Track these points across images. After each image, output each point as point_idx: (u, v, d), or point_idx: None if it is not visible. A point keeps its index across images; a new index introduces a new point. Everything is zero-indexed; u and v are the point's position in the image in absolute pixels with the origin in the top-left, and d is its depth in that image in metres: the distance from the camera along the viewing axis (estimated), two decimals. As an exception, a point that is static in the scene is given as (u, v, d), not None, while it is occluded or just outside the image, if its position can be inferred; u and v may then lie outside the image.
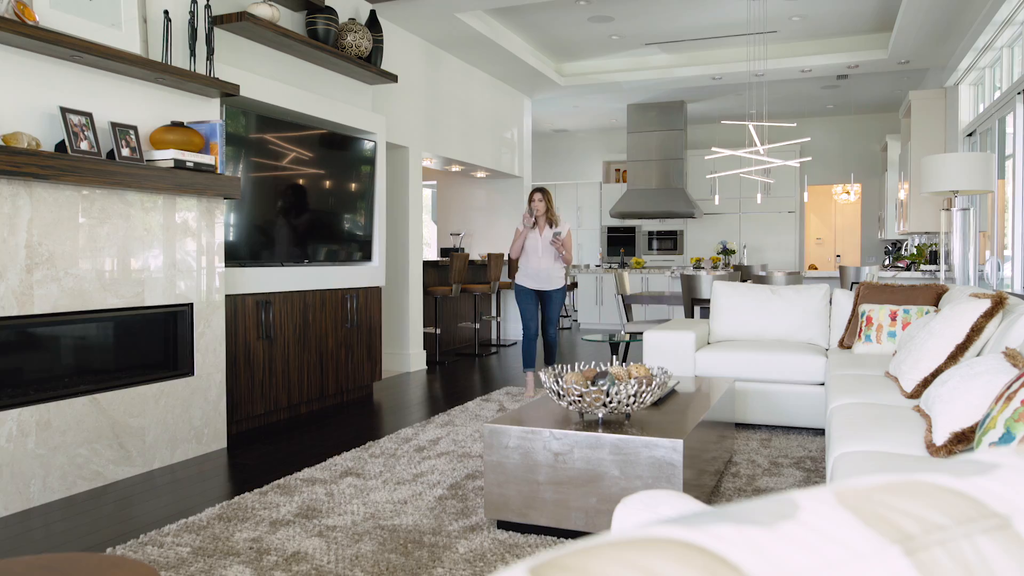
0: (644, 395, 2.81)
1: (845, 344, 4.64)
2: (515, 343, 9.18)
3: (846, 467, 2.08)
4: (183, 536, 2.84)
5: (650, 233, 13.09)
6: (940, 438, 2.15)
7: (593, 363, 3.14)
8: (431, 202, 12.09)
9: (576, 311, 11.60)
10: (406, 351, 6.98)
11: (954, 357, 2.90)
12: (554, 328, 5.76)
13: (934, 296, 4.41)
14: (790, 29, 7.98)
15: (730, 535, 0.38)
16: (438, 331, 7.62)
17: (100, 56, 3.43)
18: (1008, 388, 1.87)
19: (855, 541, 0.40)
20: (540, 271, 5.56)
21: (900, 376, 3.09)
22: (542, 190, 5.56)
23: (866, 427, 2.44)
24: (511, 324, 9.66)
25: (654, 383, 2.82)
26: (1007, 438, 1.78)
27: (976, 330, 2.90)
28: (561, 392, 2.83)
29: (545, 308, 5.69)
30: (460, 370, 7.14)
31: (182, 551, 2.69)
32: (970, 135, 7.27)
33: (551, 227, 5.54)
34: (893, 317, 4.33)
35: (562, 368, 3.01)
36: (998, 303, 2.89)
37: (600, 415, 2.88)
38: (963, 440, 2.10)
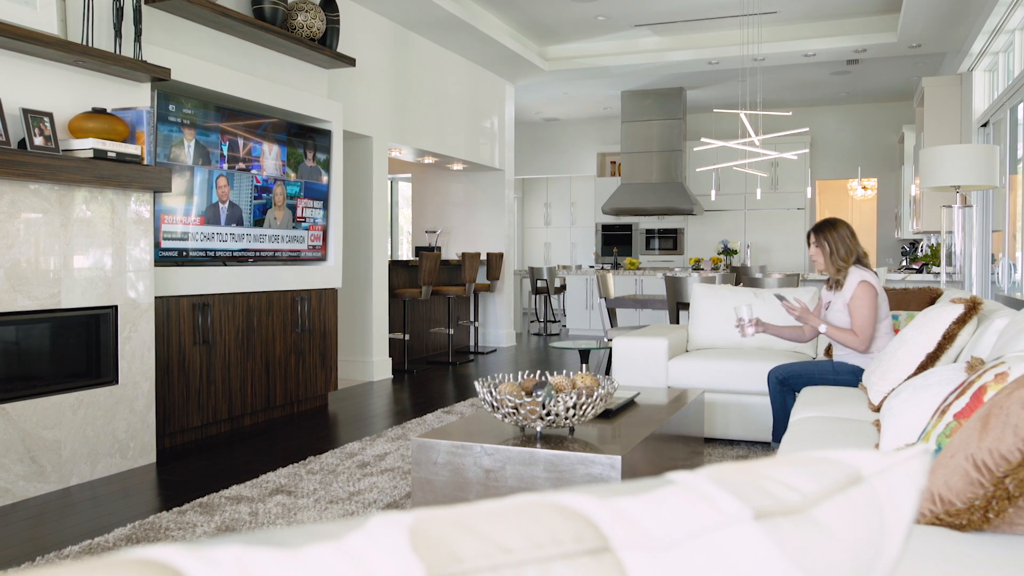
0: (585, 407, 2.81)
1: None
2: (494, 350, 9.18)
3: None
4: (82, 559, 2.83)
5: (648, 231, 13.07)
6: (885, 455, 2.15)
7: (538, 373, 3.14)
8: (411, 196, 12.09)
9: (565, 316, 11.60)
10: (369, 358, 6.98)
11: (924, 367, 2.90)
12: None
13: (928, 300, 4.42)
14: (790, 10, 7.99)
15: (227, 557, 0.38)
16: (406, 337, 7.62)
17: (7, 36, 3.44)
18: (944, 401, 1.87)
19: (382, 567, 0.40)
20: None
21: (870, 387, 3.09)
22: (825, 225, 3.93)
23: (814, 444, 2.44)
24: (491, 330, 9.66)
25: (595, 394, 2.82)
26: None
27: (948, 338, 2.90)
28: (495, 404, 2.83)
29: None
30: (430, 379, 7.14)
31: None
32: (984, 126, 7.27)
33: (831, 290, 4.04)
34: (881, 323, 4.32)
35: (500, 377, 3.01)
36: (971, 308, 2.89)
37: (539, 429, 2.88)
38: (906, 457, 2.10)
